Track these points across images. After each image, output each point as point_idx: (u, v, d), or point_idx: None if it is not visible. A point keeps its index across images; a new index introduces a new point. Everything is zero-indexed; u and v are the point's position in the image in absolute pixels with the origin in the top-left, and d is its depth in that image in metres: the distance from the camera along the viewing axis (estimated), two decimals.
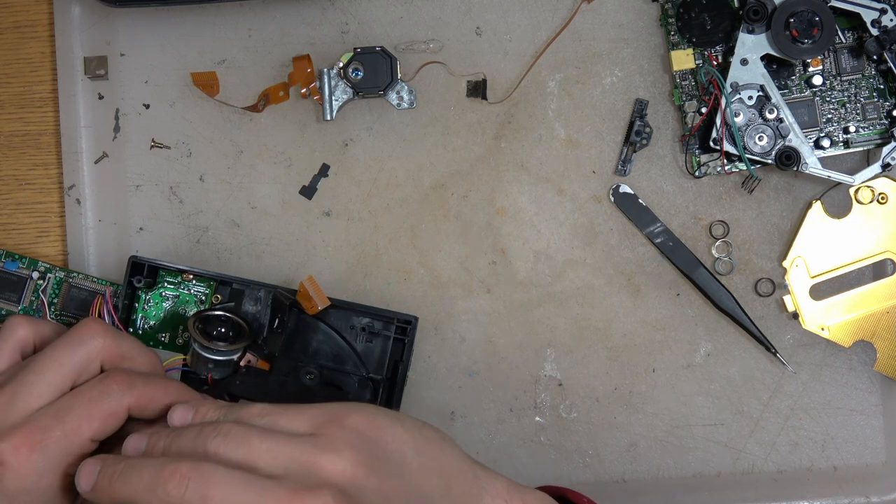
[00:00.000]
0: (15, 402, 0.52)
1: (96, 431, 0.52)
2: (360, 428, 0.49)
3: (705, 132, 0.66)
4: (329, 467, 0.47)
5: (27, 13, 0.70)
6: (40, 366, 0.54)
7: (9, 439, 0.51)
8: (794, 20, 0.64)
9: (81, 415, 0.52)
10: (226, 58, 0.69)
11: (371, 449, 0.49)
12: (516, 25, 0.68)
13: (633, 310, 0.68)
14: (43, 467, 0.51)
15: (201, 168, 0.68)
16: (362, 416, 0.50)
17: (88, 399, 0.53)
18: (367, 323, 0.65)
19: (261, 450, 0.48)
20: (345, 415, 0.50)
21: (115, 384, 0.53)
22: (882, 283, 0.67)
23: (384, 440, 0.49)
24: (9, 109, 0.69)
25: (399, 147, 0.68)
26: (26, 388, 0.53)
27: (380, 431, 0.49)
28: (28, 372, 0.54)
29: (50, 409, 0.52)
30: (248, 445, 0.48)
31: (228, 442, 0.48)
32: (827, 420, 0.68)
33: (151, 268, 0.65)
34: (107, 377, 0.54)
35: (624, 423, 0.68)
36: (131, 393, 0.53)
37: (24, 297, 0.66)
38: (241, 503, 0.46)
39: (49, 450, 0.51)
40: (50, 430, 0.51)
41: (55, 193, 0.69)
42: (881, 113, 0.67)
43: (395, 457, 0.49)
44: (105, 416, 0.53)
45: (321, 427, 0.49)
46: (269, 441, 0.48)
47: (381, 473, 0.48)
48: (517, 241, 0.68)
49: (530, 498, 0.53)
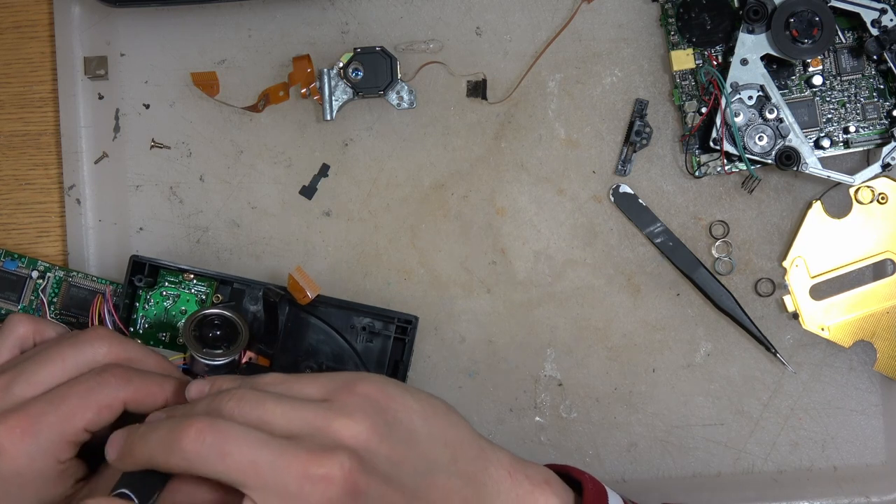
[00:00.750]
0: (11, 389, 0.53)
1: (90, 421, 0.53)
2: (372, 395, 0.49)
3: (705, 132, 0.66)
4: (343, 431, 0.47)
5: (27, 13, 0.70)
6: (43, 358, 0.54)
7: (3, 422, 0.52)
8: (794, 20, 0.64)
9: (76, 403, 0.52)
10: (226, 58, 0.69)
11: (382, 416, 0.49)
12: (516, 25, 0.68)
13: (633, 310, 0.68)
14: (35, 451, 0.52)
15: (201, 168, 0.68)
16: (374, 385, 0.50)
17: (85, 388, 0.53)
18: (368, 323, 0.65)
19: (275, 412, 0.48)
20: (357, 382, 0.50)
21: (113, 377, 0.54)
22: (882, 283, 0.67)
23: (394, 408, 0.50)
24: (9, 109, 0.69)
25: (399, 147, 0.68)
26: (24, 376, 0.54)
27: (390, 400, 0.50)
28: (30, 362, 0.54)
29: (46, 395, 0.53)
30: (263, 408, 0.48)
31: (243, 405, 0.48)
32: (827, 420, 0.68)
33: (152, 267, 0.65)
34: (105, 370, 0.54)
35: (624, 423, 0.68)
36: (128, 387, 0.54)
37: (23, 296, 0.66)
38: (258, 459, 0.46)
39: (42, 434, 0.52)
40: (44, 416, 0.52)
41: (55, 193, 0.69)
42: (881, 113, 0.67)
43: (404, 425, 0.50)
44: (100, 407, 0.53)
45: (334, 393, 0.49)
46: (283, 405, 0.48)
47: (392, 440, 0.49)
48: (517, 241, 0.68)
49: (533, 472, 0.53)
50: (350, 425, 0.48)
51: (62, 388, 0.53)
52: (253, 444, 0.46)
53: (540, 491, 0.52)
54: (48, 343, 0.57)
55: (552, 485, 0.53)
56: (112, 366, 0.55)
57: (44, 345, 0.57)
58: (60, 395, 0.53)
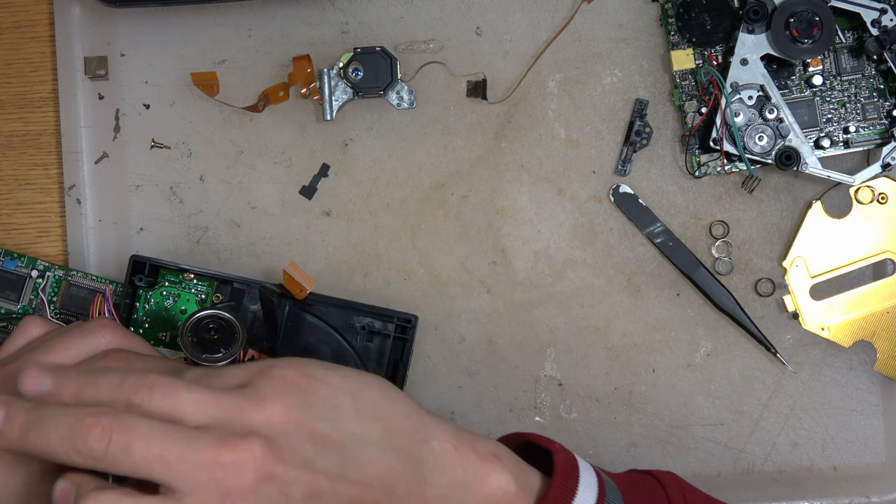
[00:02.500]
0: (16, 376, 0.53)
1: None
2: (289, 377, 0.48)
3: (705, 132, 0.66)
4: (255, 416, 0.46)
5: (27, 13, 0.70)
6: (47, 348, 0.54)
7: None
8: (794, 20, 0.64)
9: None
10: (226, 58, 0.69)
11: (300, 396, 0.47)
12: (516, 25, 0.68)
13: (633, 310, 0.68)
14: None
15: (201, 168, 0.68)
16: (291, 367, 0.48)
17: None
18: (368, 322, 0.65)
19: (186, 400, 0.46)
20: (273, 367, 0.48)
21: (115, 362, 0.53)
22: (882, 283, 0.67)
23: (314, 387, 0.48)
24: (9, 109, 0.69)
25: (399, 147, 0.68)
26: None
27: (310, 379, 0.48)
28: (35, 352, 0.54)
29: None
30: (174, 397, 0.46)
31: (153, 394, 0.46)
32: (827, 420, 0.68)
33: (152, 267, 0.65)
34: (105, 356, 0.54)
35: (624, 423, 0.68)
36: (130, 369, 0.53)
37: (23, 295, 0.66)
38: (166, 454, 0.44)
39: None
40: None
41: (55, 193, 0.69)
42: (881, 113, 0.67)
43: (326, 402, 0.48)
44: None
45: (250, 380, 0.48)
46: (195, 392, 0.46)
47: (312, 420, 0.47)
48: (517, 241, 0.68)
49: (480, 445, 0.51)
50: (263, 409, 0.46)
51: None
52: (159, 438, 0.44)
53: (489, 466, 0.50)
54: (54, 333, 0.57)
55: (503, 459, 0.50)
56: (113, 350, 0.54)
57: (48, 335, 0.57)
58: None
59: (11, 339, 0.57)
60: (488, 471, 0.50)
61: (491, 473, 0.50)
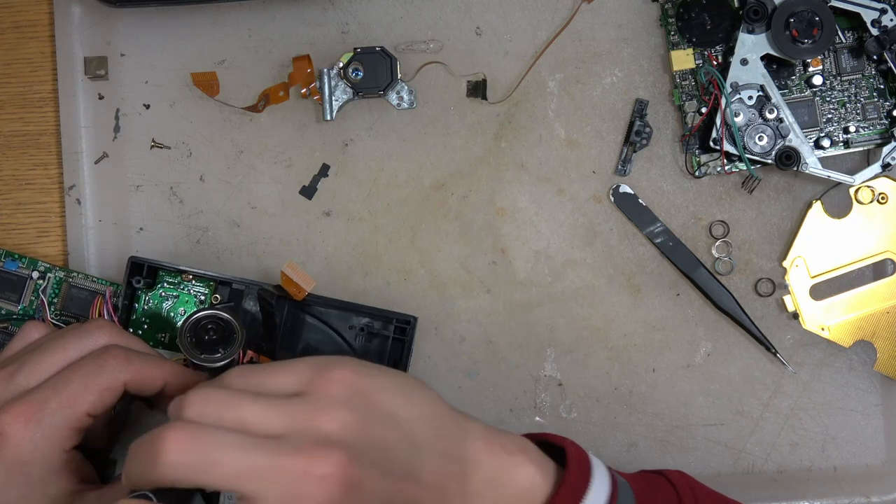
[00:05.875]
0: (15, 379, 0.53)
1: (92, 405, 0.53)
2: (349, 380, 0.48)
3: (705, 132, 0.66)
4: (329, 425, 0.46)
5: (27, 13, 0.70)
6: (46, 349, 0.55)
7: (7, 410, 0.52)
8: (794, 20, 0.64)
9: (78, 388, 0.53)
10: (226, 58, 0.69)
11: (363, 401, 0.47)
12: (516, 25, 0.68)
13: (633, 310, 0.68)
14: (40, 438, 0.52)
15: (201, 168, 0.68)
16: (347, 368, 0.48)
17: (86, 373, 0.53)
18: (367, 323, 0.65)
19: (254, 412, 0.46)
20: (329, 368, 0.48)
21: (113, 359, 0.54)
22: (882, 283, 0.67)
23: (373, 391, 0.48)
24: (9, 109, 0.69)
25: (399, 147, 0.68)
26: (28, 366, 0.54)
27: (368, 382, 0.48)
28: (33, 353, 0.55)
29: (48, 382, 0.53)
30: (239, 409, 0.46)
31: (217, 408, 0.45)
32: (827, 420, 0.68)
33: (151, 268, 0.65)
34: (105, 352, 0.54)
35: (624, 423, 0.68)
36: (129, 368, 0.54)
37: (23, 296, 0.66)
38: (253, 465, 0.44)
39: (45, 421, 0.52)
40: (47, 402, 0.52)
41: (55, 193, 0.69)
42: (881, 113, 0.67)
43: (386, 407, 0.48)
44: (101, 390, 0.53)
45: (309, 385, 0.47)
46: (260, 403, 0.46)
47: (377, 424, 0.47)
48: (517, 241, 0.68)
49: (508, 441, 0.52)
50: (332, 416, 0.46)
51: (63, 373, 0.53)
52: (243, 449, 0.44)
53: (517, 460, 0.51)
54: (52, 335, 0.57)
55: (529, 453, 0.52)
56: (111, 347, 0.55)
57: (47, 337, 0.57)
58: (63, 380, 0.53)
59: (13, 343, 0.58)
60: (517, 464, 0.51)
61: (519, 467, 0.51)
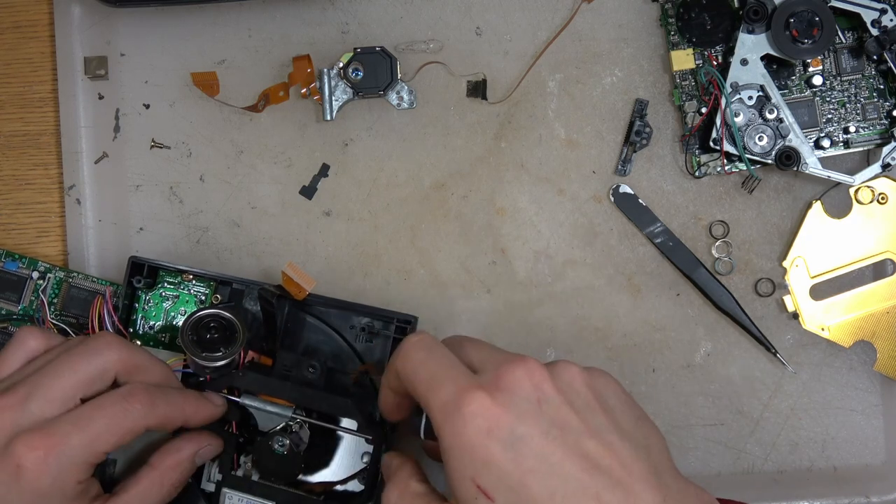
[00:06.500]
0: (28, 405, 0.52)
1: (113, 446, 0.53)
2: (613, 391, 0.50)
3: (705, 132, 0.66)
4: (562, 366, 0.50)
5: (27, 13, 0.70)
6: (56, 370, 0.54)
7: (25, 441, 0.51)
8: (794, 20, 0.64)
9: (101, 428, 0.52)
10: (226, 58, 0.69)
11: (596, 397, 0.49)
12: (516, 25, 0.68)
13: (633, 310, 0.68)
14: (58, 472, 0.51)
15: (201, 168, 0.68)
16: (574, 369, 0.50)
17: (111, 414, 0.53)
18: (367, 323, 0.65)
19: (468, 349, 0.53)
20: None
21: (139, 403, 0.53)
22: (882, 283, 0.67)
23: (599, 388, 0.49)
24: (9, 109, 0.69)
25: (399, 147, 0.68)
26: (41, 390, 0.53)
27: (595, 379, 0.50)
28: (43, 375, 0.54)
29: (70, 416, 0.52)
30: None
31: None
32: (827, 420, 0.68)
33: (151, 268, 0.65)
34: (131, 395, 0.54)
35: None
36: (153, 414, 0.54)
37: (24, 296, 0.66)
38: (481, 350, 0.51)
39: (65, 456, 0.51)
40: (68, 437, 0.51)
41: (55, 193, 0.69)
42: (881, 113, 0.67)
43: (608, 402, 0.49)
44: (124, 433, 0.53)
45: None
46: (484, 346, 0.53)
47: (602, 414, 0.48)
48: (517, 241, 0.68)
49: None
50: (569, 366, 0.49)
51: (87, 410, 0.53)
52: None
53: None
54: (56, 351, 0.56)
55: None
56: (136, 388, 0.54)
57: (51, 353, 0.56)
58: (86, 417, 0.52)
59: (9, 351, 0.56)
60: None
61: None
